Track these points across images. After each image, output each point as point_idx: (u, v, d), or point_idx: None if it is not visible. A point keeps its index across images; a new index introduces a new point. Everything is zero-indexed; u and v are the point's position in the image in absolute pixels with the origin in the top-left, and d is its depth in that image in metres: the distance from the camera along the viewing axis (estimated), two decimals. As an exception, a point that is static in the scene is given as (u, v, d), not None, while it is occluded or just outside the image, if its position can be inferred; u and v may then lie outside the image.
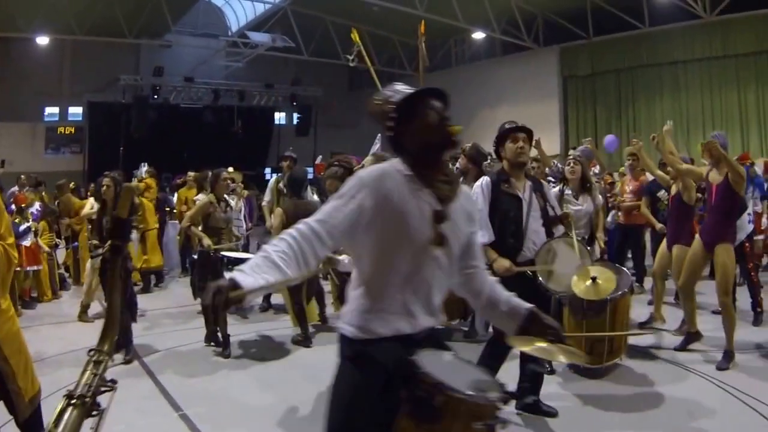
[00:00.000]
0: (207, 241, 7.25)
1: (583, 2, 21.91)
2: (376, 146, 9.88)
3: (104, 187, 7.43)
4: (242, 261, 6.47)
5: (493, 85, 25.03)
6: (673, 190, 7.61)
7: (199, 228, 7.50)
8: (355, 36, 10.15)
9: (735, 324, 6.51)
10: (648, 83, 21.72)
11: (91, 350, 2.15)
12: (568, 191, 7.33)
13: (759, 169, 13.27)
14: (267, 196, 10.17)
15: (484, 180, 5.22)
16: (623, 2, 20.86)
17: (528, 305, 2.68)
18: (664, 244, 7.72)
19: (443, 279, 2.60)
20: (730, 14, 18.80)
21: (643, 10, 20.62)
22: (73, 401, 1.95)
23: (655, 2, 19.88)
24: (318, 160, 14.98)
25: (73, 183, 17.29)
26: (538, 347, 2.54)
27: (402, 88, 2.69)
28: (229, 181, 8.31)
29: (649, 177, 8.87)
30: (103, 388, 2.08)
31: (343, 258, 4.16)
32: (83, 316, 8.82)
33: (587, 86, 23.54)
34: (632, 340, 6.88)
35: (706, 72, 20.29)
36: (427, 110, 2.59)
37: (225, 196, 7.89)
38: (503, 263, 4.86)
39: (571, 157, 7.62)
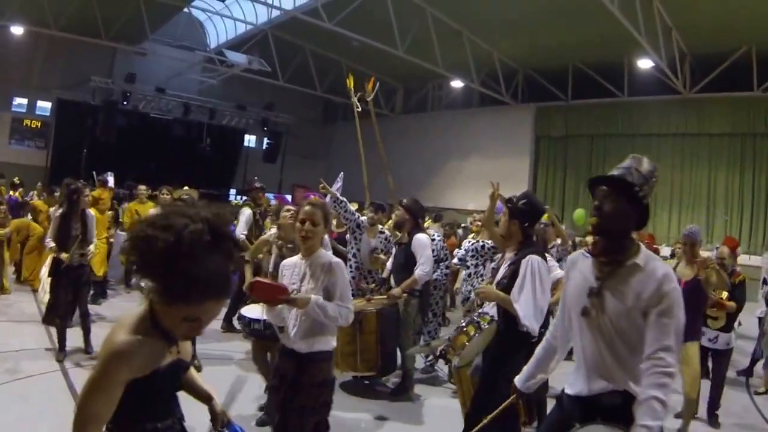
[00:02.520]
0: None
1: (565, 64, 21.89)
2: (338, 184, 9.47)
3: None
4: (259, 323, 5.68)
5: (466, 136, 24.89)
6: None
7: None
8: (350, 82, 9.88)
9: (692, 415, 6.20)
10: (620, 152, 21.33)
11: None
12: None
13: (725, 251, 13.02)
14: (242, 228, 9.54)
15: None
16: (605, 69, 20.84)
17: None
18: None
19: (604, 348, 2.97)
20: (709, 93, 18.75)
21: (624, 79, 20.56)
22: None
23: (636, 73, 19.80)
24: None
25: (17, 178, 16.73)
26: None
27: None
28: (288, 214, 6.18)
29: None
30: None
31: None
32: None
33: (559, 148, 23.38)
34: None
35: (679, 148, 20.17)
36: None
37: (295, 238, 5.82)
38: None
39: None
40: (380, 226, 8.43)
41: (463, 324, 4.97)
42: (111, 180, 13.22)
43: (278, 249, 6.10)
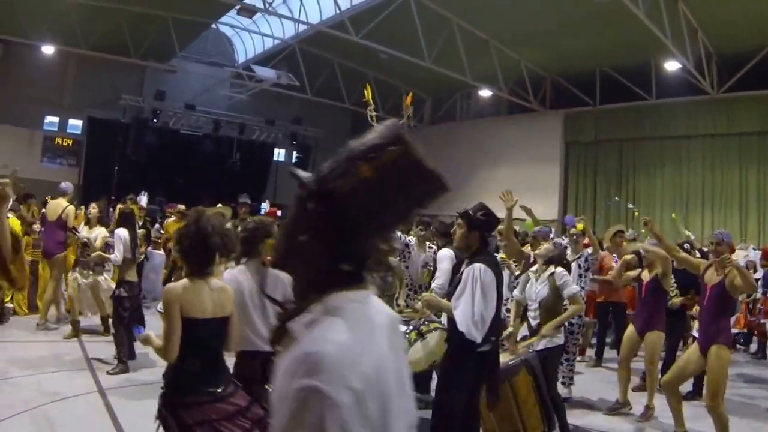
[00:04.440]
0: None
1: (592, 69, 21.82)
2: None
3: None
4: None
5: (495, 144, 24.79)
6: (645, 275, 7.41)
7: None
8: (368, 92, 9.86)
9: (726, 427, 5.79)
10: (650, 155, 21.44)
11: None
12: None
13: (756, 255, 13.03)
14: None
15: None
16: (632, 73, 20.76)
17: None
18: (631, 328, 7.40)
19: None
20: (737, 92, 18.63)
21: (651, 81, 20.48)
22: None
23: (664, 75, 19.68)
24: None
25: (50, 197, 16.86)
26: None
27: None
28: None
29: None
30: None
31: None
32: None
33: (589, 153, 23.24)
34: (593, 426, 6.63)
35: (709, 149, 20.01)
36: None
37: None
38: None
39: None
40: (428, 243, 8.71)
41: (408, 329, 5.18)
42: (144, 199, 13.36)
43: None
